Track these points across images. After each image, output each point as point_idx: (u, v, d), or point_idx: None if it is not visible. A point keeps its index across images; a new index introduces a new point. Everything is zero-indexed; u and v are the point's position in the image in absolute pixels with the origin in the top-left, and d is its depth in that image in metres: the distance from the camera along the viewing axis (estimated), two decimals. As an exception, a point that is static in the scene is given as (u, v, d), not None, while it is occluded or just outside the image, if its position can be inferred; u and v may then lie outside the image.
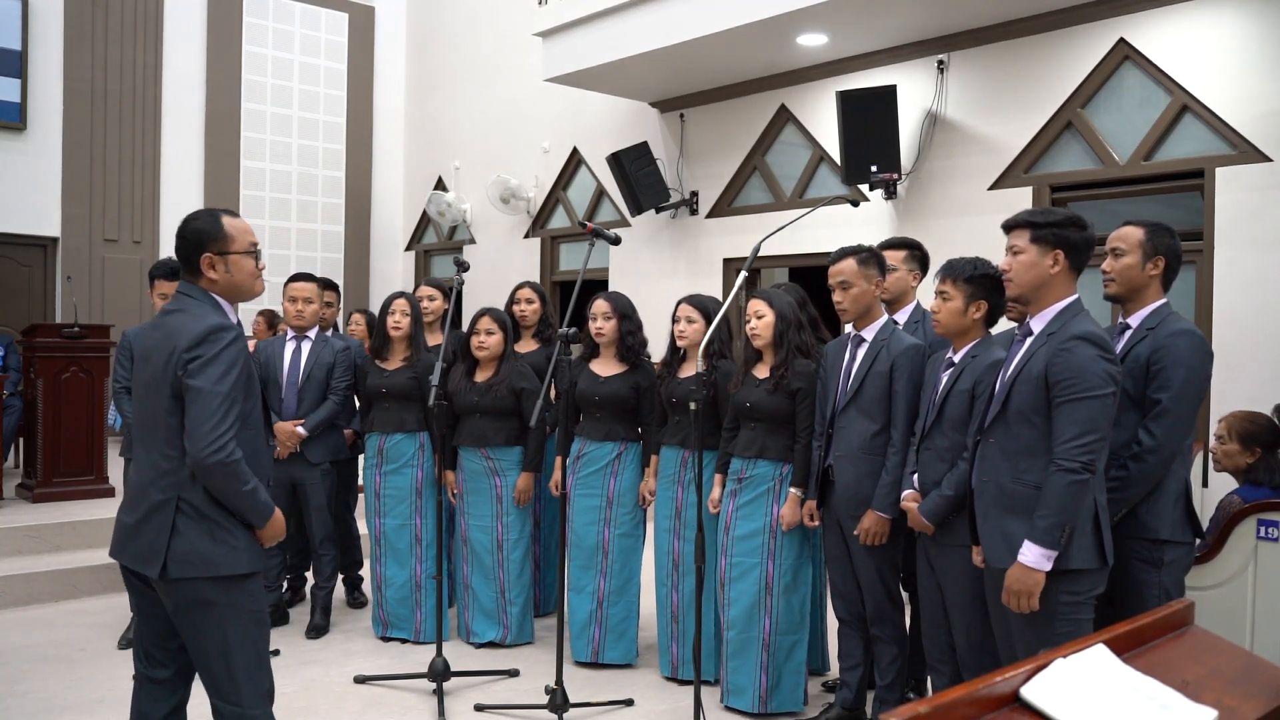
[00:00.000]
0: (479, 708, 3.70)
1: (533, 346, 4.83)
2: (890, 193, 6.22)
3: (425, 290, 4.99)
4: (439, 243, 10.50)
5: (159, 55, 9.42)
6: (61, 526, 5.50)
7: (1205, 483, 4.81)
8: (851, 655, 3.54)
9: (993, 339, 3.02)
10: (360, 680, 3.98)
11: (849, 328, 3.51)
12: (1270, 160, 4.89)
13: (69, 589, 5.14)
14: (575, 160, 8.87)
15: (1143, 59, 5.38)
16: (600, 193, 8.64)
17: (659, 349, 4.22)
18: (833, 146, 6.64)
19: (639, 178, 7.53)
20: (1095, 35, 5.52)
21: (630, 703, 3.80)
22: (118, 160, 9.18)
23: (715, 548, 3.75)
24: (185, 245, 2.49)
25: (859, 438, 3.34)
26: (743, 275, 3.30)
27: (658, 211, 7.77)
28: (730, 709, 3.70)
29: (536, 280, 7.97)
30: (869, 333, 3.40)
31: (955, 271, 2.99)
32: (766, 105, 7.26)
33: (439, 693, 3.73)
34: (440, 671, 3.75)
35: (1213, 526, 3.35)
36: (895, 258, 3.71)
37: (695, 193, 7.74)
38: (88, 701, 3.76)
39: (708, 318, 3.89)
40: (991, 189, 5.95)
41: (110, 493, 6.04)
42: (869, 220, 6.35)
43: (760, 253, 3.34)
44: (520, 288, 4.90)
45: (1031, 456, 2.57)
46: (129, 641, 4.36)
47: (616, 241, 3.64)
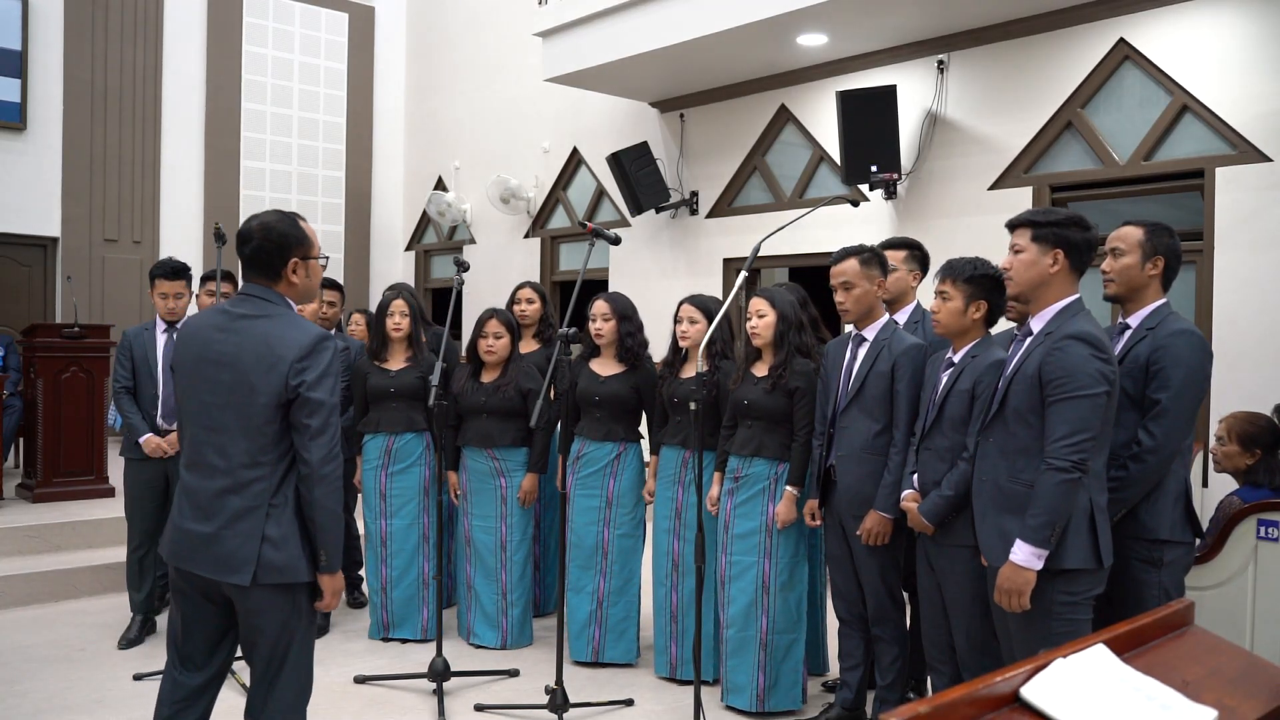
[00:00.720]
0: (479, 708, 3.71)
1: (533, 346, 4.84)
2: (890, 193, 6.22)
3: (524, 293, 4.88)
4: (439, 243, 10.49)
5: (159, 55, 9.41)
6: (61, 526, 5.49)
7: (1205, 483, 4.81)
8: (852, 655, 3.54)
9: (993, 339, 3.02)
10: (360, 680, 3.98)
11: (850, 327, 3.51)
12: (1270, 160, 4.89)
13: (69, 589, 5.14)
14: (575, 160, 8.86)
15: (1143, 59, 5.38)
16: (600, 193, 8.64)
17: (659, 349, 4.22)
18: (833, 146, 6.64)
19: (639, 178, 7.52)
20: (1095, 35, 5.52)
21: (630, 703, 3.80)
22: (118, 160, 9.17)
23: (715, 546, 3.76)
24: (268, 249, 2.43)
25: (861, 438, 3.34)
26: (743, 275, 3.30)
27: (658, 211, 7.77)
28: (730, 708, 3.71)
29: (537, 280, 7.96)
30: (870, 332, 3.40)
31: (955, 271, 3.00)
32: (766, 105, 7.26)
33: (439, 693, 3.73)
34: (440, 671, 3.75)
35: (1213, 527, 3.35)
36: (895, 258, 3.71)
37: (695, 193, 7.74)
38: (88, 701, 3.76)
39: (710, 318, 3.88)
40: (991, 189, 5.95)
41: (110, 493, 6.02)
42: (869, 220, 6.34)
43: (760, 253, 3.34)
44: (521, 288, 4.91)
45: (1028, 456, 2.58)
46: (129, 641, 4.36)
47: (616, 241, 3.64)
